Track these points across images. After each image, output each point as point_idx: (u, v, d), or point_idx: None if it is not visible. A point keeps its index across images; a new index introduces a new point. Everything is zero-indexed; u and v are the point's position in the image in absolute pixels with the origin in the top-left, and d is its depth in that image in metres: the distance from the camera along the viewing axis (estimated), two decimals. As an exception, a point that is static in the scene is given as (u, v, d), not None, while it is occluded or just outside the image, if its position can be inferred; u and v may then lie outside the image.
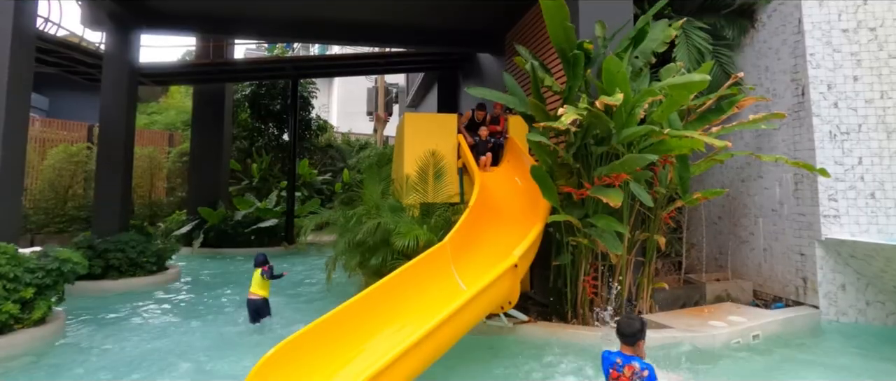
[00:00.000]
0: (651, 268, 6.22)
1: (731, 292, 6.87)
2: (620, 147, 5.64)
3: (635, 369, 2.81)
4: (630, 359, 2.87)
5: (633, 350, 2.90)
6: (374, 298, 4.88)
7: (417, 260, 5.35)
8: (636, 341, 2.89)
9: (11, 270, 5.37)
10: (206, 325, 6.36)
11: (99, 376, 4.66)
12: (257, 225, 13.21)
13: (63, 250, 6.10)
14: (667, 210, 6.27)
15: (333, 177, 19.70)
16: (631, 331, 2.90)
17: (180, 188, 17.14)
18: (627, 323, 2.95)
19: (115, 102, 9.65)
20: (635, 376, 2.80)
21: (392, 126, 27.32)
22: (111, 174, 9.40)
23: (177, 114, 21.40)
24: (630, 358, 2.87)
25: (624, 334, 2.92)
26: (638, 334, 2.89)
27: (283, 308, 7.05)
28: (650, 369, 2.81)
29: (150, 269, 8.74)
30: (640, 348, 2.89)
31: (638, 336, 2.89)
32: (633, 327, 2.91)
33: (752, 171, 7.36)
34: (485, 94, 6.76)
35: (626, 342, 2.92)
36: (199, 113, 14.58)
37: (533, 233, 5.56)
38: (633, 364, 2.83)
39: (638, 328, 2.91)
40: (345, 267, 7.27)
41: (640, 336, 2.89)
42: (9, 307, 5.23)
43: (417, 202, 7.08)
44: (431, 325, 4.10)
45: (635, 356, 2.88)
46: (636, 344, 2.88)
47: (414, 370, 4.08)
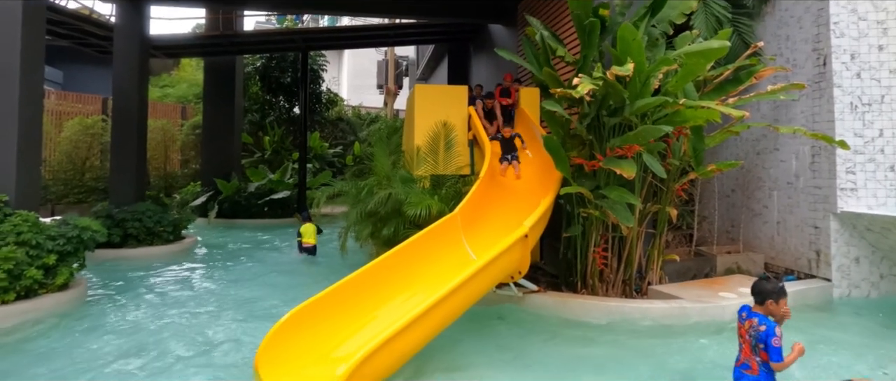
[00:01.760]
0: (662, 240, 6.21)
1: (741, 264, 6.85)
2: (634, 118, 5.57)
3: (753, 323, 3.03)
4: (753, 315, 3.07)
5: (762, 309, 3.05)
6: (386, 266, 4.96)
7: (428, 230, 5.41)
8: (763, 300, 3.04)
9: (34, 237, 5.53)
10: (223, 288, 6.55)
11: (123, 336, 4.85)
12: (270, 197, 13.37)
13: (82, 218, 6.25)
14: (679, 183, 6.21)
15: (344, 150, 19.75)
16: (757, 289, 3.09)
17: (194, 161, 17.35)
18: (759, 283, 3.14)
19: (127, 74, 9.70)
20: (752, 329, 3.02)
21: (402, 100, 27.15)
22: (126, 145, 9.53)
23: (188, 87, 21.48)
24: (753, 314, 3.07)
25: (753, 291, 3.12)
26: (765, 293, 3.03)
27: (295, 276, 7.21)
28: (769, 326, 2.96)
29: (167, 238, 8.94)
30: (769, 307, 3.02)
31: (765, 296, 3.03)
32: (760, 286, 3.10)
33: (768, 143, 7.24)
34: (513, 57, 6.70)
35: (755, 301, 3.11)
36: (210, 86, 14.62)
37: (543, 204, 5.56)
38: (752, 319, 3.05)
39: (767, 288, 3.06)
40: (356, 238, 7.37)
41: (767, 296, 3.03)
42: (33, 273, 5.41)
43: (428, 174, 7.10)
44: (443, 293, 4.17)
45: (759, 313, 3.04)
46: (764, 303, 3.04)
47: (425, 336, 4.17)
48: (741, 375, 3.05)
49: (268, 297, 6.27)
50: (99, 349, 4.54)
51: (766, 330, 2.93)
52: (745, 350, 3.06)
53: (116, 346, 4.60)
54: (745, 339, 3.06)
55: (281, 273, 7.78)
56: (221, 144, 14.33)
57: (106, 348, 4.56)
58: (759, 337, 2.95)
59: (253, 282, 7.11)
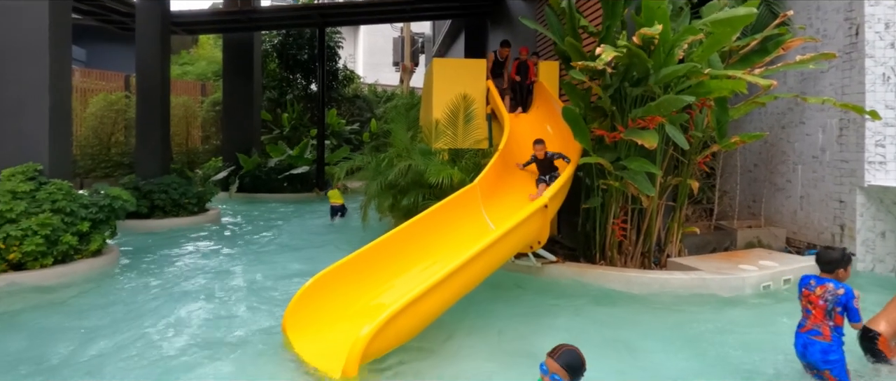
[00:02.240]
0: (682, 213, 6.19)
1: (762, 238, 6.79)
2: (657, 89, 5.49)
3: (829, 288, 3.01)
4: (825, 281, 3.05)
5: (832, 276, 3.07)
6: (407, 235, 5.06)
7: (448, 200, 5.47)
8: (834, 269, 3.06)
9: (68, 204, 5.75)
10: (248, 255, 6.76)
11: (156, 298, 5.07)
12: (290, 172, 13.57)
13: (113, 188, 6.46)
14: (701, 155, 6.14)
15: (361, 127, 19.84)
16: (827, 259, 3.09)
17: (214, 137, 17.63)
18: (824, 252, 3.13)
19: (150, 50, 9.85)
20: (827, 293, 3.00)
21: (418, 77, 27.03)
22: (150, 120, 9.73)
23: (207, 64, 21.68)
24: (825, 279, 3.07)
25: (821, 261, 3.12)
26: (835, 262, 3.05)
27: (318, 244, 7.39)
28: (848, 289, 2.98)
29: (192, 210, 9.18)
30: (840, 274, 3.05)
31: (835, 265, 3.05)
32: (829, 256, 3.09)
33: (794, 116, 7.08)
34: (537, 26, 6.62)
35: (823, 270, 3.11)
36: (229, 63, 14.75)
37: (564, 175, 5.57)
38: (827, 285, 3.03)
39: (835, 257, 3.07)
40: (377, 209, 7.49)
41: (838, 265, 3.05)
42: (68, 239, 5.64)
43: (446, 147, 7.13)
44: (464, 258, 4.24)
45: (833, 279, 3.06)
46: (834, 272, 3.06)
47: (445, 300, 4.26)
48: (810, 341, 3.04)
49: (292, 263, 6.46)
50: (134, 309, 4.76)
51: (846, 293, 2.95)
52: (817, 316, 3.03)
53: (150, 307, 4.81)
54: (817, 305, 3.03)
55: (304, 242, 7.98)
56: (241, 120, 14.52)
57: (140, 308, 4.78)
58: (837, 301, 2.95)
59: (277, 250, 7.32)
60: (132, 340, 4.00)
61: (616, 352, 3.76)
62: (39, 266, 5.44)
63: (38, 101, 6.13)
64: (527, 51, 8.13)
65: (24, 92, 6.06)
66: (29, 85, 6.07)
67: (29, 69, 6.07)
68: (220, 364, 3.60)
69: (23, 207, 5.37)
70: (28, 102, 6.07)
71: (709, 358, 3.71)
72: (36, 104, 6.11)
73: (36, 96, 6.12)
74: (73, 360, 3.70)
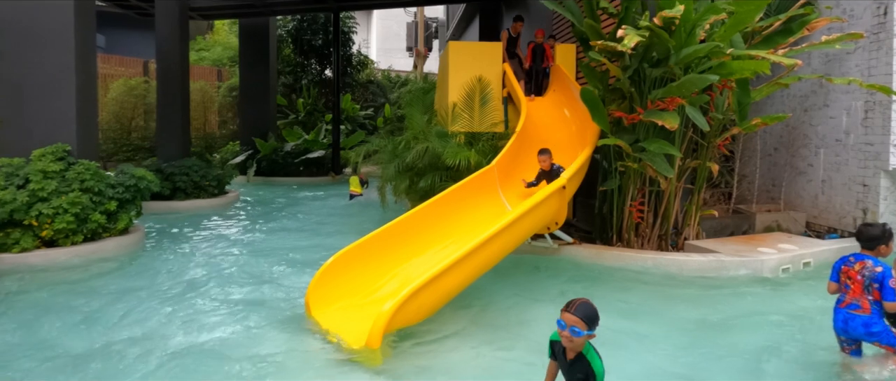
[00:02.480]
0: (700, 196, 6.15)
1: (782, 222, 6.73)
2: (677, 70, 5.44)
3: (867, 264, 3.01)
4: (864, 257, 3.05)
5: (873, 253, 3.08)
6: (425, 215, 5.13)
7: (466, 181, 5.52)
8: (874, 245, 3.06)
9: (96, 184, 5.91)
10: (269, 235, 6.91)
11: (183, 274, 5.24)
12: (306, 156, 13.71)
13: (138, 168, 6.62)
14: (721, 138, 6.08)
15: (375, 112, 19.90)
16: (867, 235, 3.08)
17: (231, 122, 17.83)
18: (865, 228, 3.13)
19: (169, 35, 9.98)
20: (865, 270, 3.00)
21: (431, 62, 26.93)
22: (171, 104, 9.89)
23: (223, 50, 21.83)
24: (864, 256, 3.07)
25: (862, 237, 3.12)
26: (876, 239, 3.05)
27: (335, 225, 7.51)
28: (886, 267, 2.98)
29: (212, 192, 9.37)
30: (881, 250, 3.06)
31: (876, 241, 3.05)
32: (870, 232, 3.09)
33: (818, 99, 6.96)
34: (556, 6, 6.54)
35: (864, 246, 3.11)
36: (245, 48, 14.87)
37: (581, 157, 5.57)
38: (866, 261, 3.02)
39: (876, 234, 3.07)
40: (393, 191, 7.58)
41: (879, 241, 3.05)
42: (97, 217, 5.82)
43: (462, 130, 7.15)
44: (483, 237, 4.29)
45: (871, 256, 3.06)
46: (875, 249, 3.06)
47: (464, 279, 4.33)
48: (850, 315, 3.05)
49: (311, 243, 6.59)
50: (162, 283, 4.93)
51: (884, 271, 2.96)
52: (855, 291, 3.04)
53: (178, 282, 4.97)
54: (855, 280, 3.04)
55: (322, 223, 8.13)
56: (258, 105, 14.68)
57: (168, 283, 4.95)
58: (874, 278, 2.96)
59: (296, 230, 7.47)
60: (162, 311, 4.15)
61: (635, 332, 3.79)
62: (70, 243, 5.63)
63: (65, 83, 6.27)
64: (543, 33, 8.06)
65: (52, 75, 6.20)
66: (56, 68, 6.21)
67: (56, 53, 6.21)
68: (247, 335, 3.72)
69: (54, 186, 5.54)
70: (56, 85, 6.22)
71: (728, 337, 3.73)
72: (63, 87, 6.26)
73: (63, 79, 6.27)
74: (114, 322, 3.90)
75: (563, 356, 2.44)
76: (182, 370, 3.17)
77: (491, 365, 3.34)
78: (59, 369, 3.20)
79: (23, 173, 5.56)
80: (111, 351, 3.43)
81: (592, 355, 2.37)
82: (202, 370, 3.17)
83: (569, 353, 2.40)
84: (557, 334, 2.40)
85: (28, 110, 6.15)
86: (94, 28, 6.77)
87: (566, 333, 2.30)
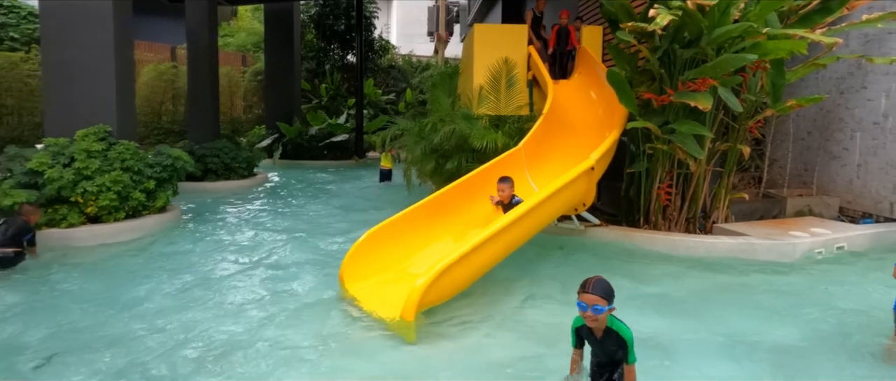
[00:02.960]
0: (730, 179, 6.08)
1: (814, 207, 6.62)
2: (709, 50, 5.35)
3: None
4: None
5: None
6: (453, 196, 5.21)
7: (493, 162, 5.57)
8: None
9: (136, 164, 6.14)
10: (299, 213, 7.13)
11: (220, 249, 5.47)
12: (330, 139, 13.90)
13: (174, 149, 6.84)
14: (754, 120, 5.98)
15: (397, 97, 19.97)
16: None
17: (256, 106, 18.13)
18: None
19: (199, 20, 10.19)
20: None
21: (453, 47, 26.77)
22: (201, 87, 10.13)
23: (247, 36, 22.09)
24: None
25: None
26: None
27: (364, 205, 7.67)
28: None
29: (242, 173, 9.62)
30: None
31: None
32: None
33: (855, 81, 6.76)
34: None
35: None
36: (270, 34, 15.06)
37: (610, 139, 5.55)
38: None
39: None
40: (418, 173, 7.67)
41: None
42: (137, 195, 6.05)
43: (488, 113, 7.17)
44: (511, 217, 4.35)
45: None
46: None
47: (492, 258, 4.40)
48: None
49: (340, 221, 6.77)
50: (202, 258, 5.15)
51: None
52: None
53: (214, 257, 5.18)
54: None
55: (349, 203, 8.32)
56: (282, 89, 14.89)
57: (207, 258, 5.16)
58: None
59: (324, 210, 7.66)
60: (199, 284, 4.35)
61: (666, 312, 3.82)
62: (113, 220, 5.88)
63: (105, 66, 6.49)
64: (567, 15, 7.97)
65: (93, 58, 6.42)
66: (97, 51, 6.42)
67: (96, 36, 6.42)
68: (282, 308, 3.87)
69: (97, 164, 5.78)
70: (97, 68, 6.44)
71: (761, 317, 3.73)
72: (104, 69, 6.48)
73: (104, 62, 6.48)
74: (162, 290, 4.13)
75: (592, 336, 2.50)
76: (218, 342, 3.31)
77: (517, 342, 3.41)
78: (105, 338, 3.38)
79: (68, 152, 5.80)
80: (155, 323, 3.62)
81: (618, 325, 2.44)
82: (238, 342, 3.31)
83: (597, 332, 2.47)
84: (580, 319, 2.46)
85: (72, 92, 6.40)
86: (130, 14, 6.96)
87: (589, 313, 2.37)
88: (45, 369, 2.97)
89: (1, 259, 4.62)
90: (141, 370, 2.93)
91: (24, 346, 3.22)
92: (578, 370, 2.66)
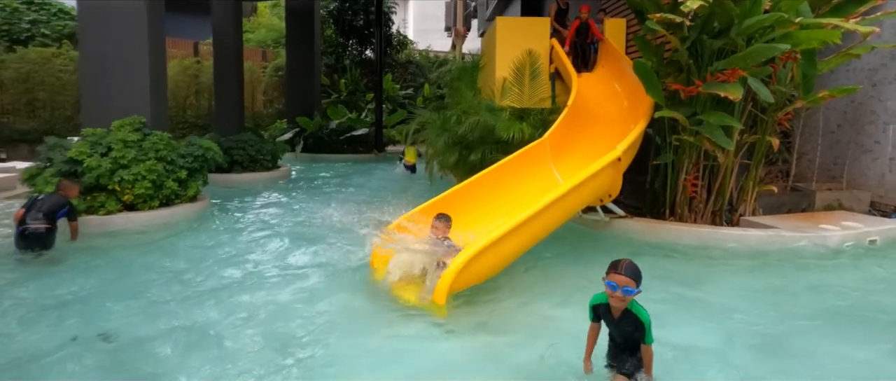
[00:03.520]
0: (758, 171, 6.02)
1: (844, 201, 6.51)
2: (740, 40, 5.30)
3: None
4: None
5: None
6: (479, 185, 5.27)
7: (519, 153, 5.60)
8: None
9: (168, 153, 6.31)
10: (324, 203, 7.37)
11: (252, 234, 5.64)
12: (350, 134, 14.06)
13: (204, 140, 7.01)
14: (783, 112, 5.90)
15: (415, 92, 20.06)
16: None
17: (277, 101, 18.38)
18: None
19: (224, 15, 10.39)
20: None
21: (470, 42, 26.72)
22: (227, 80, 10.33)
23: (267, 32, 22.39)
24: None
25: None
26: None
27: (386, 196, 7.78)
28: None
29: (267, 165, 9.80)
30: None
31: None
32: None
33: (888, 73, 6.62)
34: None
35: None
36: (291, 29, 15.25)
37: (636, 130, 5.54)
38: None
39: None
40: (440, 165, 7.73)
41: None
42: (170, 184, 6.23)
43: (512, 105, 7.20)
44: (540, 205, 4.38)
45: None
46: None
47: (520, 246, 4.45)
48: None
49: (367, 209, 6.86)
50: (231, 245, 5.31)
51: None
52: None
53: (245, 244, 5.35)
54: None
55: (373, 194, 8.45)
56: (303, 84, 15.08)
57: (236, 244, 5.33)
58: None
59: (349, 200, 7.83)
60: (232, 269, 4.50)
61: (700, 303, 3.81)
62: (148, 208, 6.06)
63: (139, 62, 6.67)
64: (588, 10, 7.93)
65: (128, 51, 6.60)
66: (131, 44, 6.60)
67: (130, 30, 6.60)
68: (313, 291, 3.97)
69: (133, 154, 5.96)
70: (131, 60, 6.62)
71: (799, 305, 3.71)
72: (138, 63, 6.66)
73: (138, 55, 6.66)
74: (203, 270, 4.37)
75: (609, 315, 2.54)
76: (255, 322, 3.42)
77: (542, 322, 3.47)
78: (144, 315, 3.54)
79: (105, 142, 5.99)
80: (190, 301, 3.77)
81: (638, 307, 2.49)
82: (275, 321, 3.42)
83: (615, 312, 2.51)
84: (605, 295, 2.50)
85: (108, 84, 6.59)
86: (162, 9, 7.14)
87: (618, 293, 2.40)
88: (122, 331, 3.20)
89: (33, 235, 4.58)
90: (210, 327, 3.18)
91: (106, 311, 3.47)
92: (595, 344, 2.69)
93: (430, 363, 2.93)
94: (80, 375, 2.75)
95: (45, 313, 3.47)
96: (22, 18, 14.29)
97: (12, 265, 4.44)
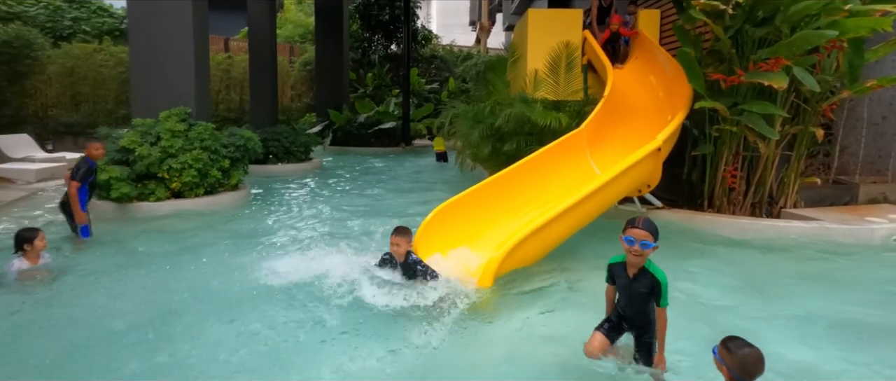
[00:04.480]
0: (800, 163, 5.92)
1: (889, 195, 6.35)
2: (784, 28, 5.22)
3: None
4: None
5: None
6: (515, 176, 5.29)
7: (555, 144, 5.62)
8: None
9: (212, 143, 6.53)
10: (359, 192, 7.51)
11: (292, 219, 5.88)
12: (378, 127, 14.23)
13: (245, 130, 7.22)
14: (828, 102, 5.79)
15: (440, 86, 20.14)
16: None
17: (305, 95, 18.69)
18: None
19: (260, 12, 10.68)
20: None
21: (495, 36, 26.66)
22: (262, 74, 10.60)
23: (294, 27, 22.73)
24: None
25: None
26: None
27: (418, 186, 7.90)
28: None
29: (300, 157, 10.03)
30: None
31: None
32: None
33: (939, 63, 6.42)
34: None
35: None
36: (320, 25, 15.52)
37: (676, 120, 5.50)
38: None
39: None
40: (472, 157, 7.79)
41: None
42: (215, 173, 6.45)
43: (545, 97, 7.20)
44: (580, 195, 4.44)
45: None
46: None
47: (560, 235, 4.51)
48: None
49: (398, 199, 7.05)
50: (275, 230, 5.51)
51: None
52: None
53: (289, 229, 5.53)
54: None
55: (404, 185, 8.60)
56: (332, 78, 15.33)
57: (282, 227, 5.55)
58: None
59: (382, 191, 7.98)
60: (275, 253, 4.66)
61: (748, 293, 3.79)
62: (194, 195, 6.29)
63: (184, 55, 6.90)
64: (619, 20, 7.83)
65: (174, 43, 6.85)
66: (177, 37, 6.84)
67: (177, 25, 6.83)
68: (358, 273, 4.07)
69: (180, 143, 6.19)
70: (178, 52, 6.86)
71: (840, 299, 3.67)
72: (183, 58, 6.90)
73: (183, 51, 6.90)
74: (261, 248, 4.66)
75: (624, 273, 2.54)
76: (297, 306, 3.52)
77: (579, 302, 3.54)
78: (194, 295, 3.72)
79: (154, 132, 6.24)
80: (234, 283, 3.93)
81: (654, 267, 2.48)
82: (313, 305, 3.51)
83: (631, 269, 2.50)
84: (623, 254, 2.50)
85: (156, 76, 6.85)
86: (206, 6, 7.36)
87: (636, 247, 2.40)
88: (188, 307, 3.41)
89: (62, 203, 4.84)
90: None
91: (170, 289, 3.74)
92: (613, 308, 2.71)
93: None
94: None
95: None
96: (64, 16, 14.84)
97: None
